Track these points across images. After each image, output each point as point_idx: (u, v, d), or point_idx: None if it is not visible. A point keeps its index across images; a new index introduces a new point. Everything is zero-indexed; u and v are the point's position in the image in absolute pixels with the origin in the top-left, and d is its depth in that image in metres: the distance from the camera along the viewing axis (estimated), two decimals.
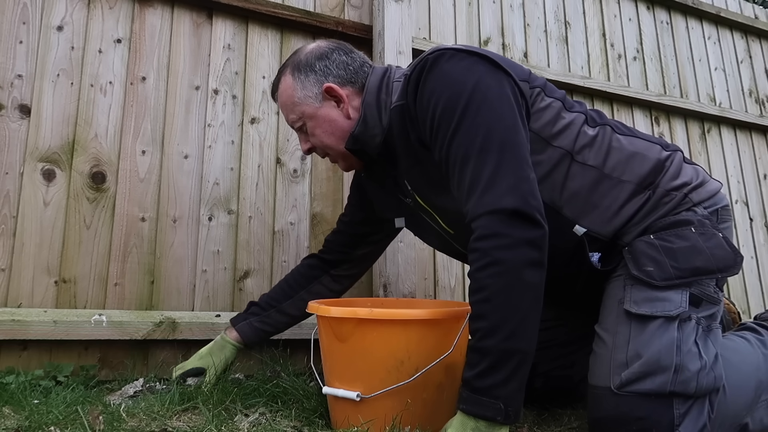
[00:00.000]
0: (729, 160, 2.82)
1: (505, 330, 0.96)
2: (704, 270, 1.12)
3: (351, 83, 1.26)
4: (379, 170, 1.34)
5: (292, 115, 1.30)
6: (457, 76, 1.10)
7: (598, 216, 1.17)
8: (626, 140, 1.22)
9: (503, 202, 1.00)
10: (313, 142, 1.31)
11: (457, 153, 1.07)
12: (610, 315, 1.15)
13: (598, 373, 1.11)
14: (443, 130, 1.09)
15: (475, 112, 1.06)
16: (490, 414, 0.95)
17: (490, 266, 0.98)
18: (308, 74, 1.26)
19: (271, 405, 1.28)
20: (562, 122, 1.18)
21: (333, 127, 1.26)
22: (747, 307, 2.62)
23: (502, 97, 1.09)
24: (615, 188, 1.18)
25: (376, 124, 1.23)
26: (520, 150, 1.05)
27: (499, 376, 0.95)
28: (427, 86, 1.12)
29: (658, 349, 1.05)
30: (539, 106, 1.18)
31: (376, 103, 1.23)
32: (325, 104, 1.26)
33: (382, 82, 1.25)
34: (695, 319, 1.10)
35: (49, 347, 1.50)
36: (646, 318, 1.09)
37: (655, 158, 1.21)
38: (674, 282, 1.11)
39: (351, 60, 1.28)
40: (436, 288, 2.01)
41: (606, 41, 2.67)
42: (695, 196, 1.20)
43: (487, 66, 1.11)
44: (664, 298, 1.10)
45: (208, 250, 1.74)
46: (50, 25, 1.66)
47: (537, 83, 1.20)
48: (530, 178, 1.04)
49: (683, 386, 1.04)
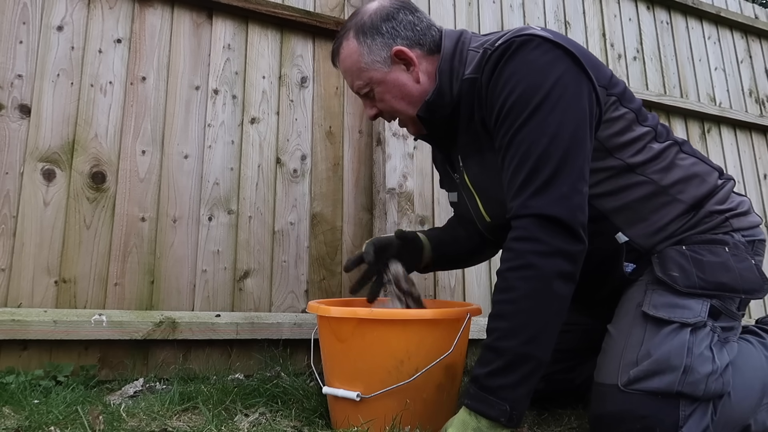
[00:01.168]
0: (729, 160, 2.82)
1: (524, 334, 0.96)
2: (729, 287, 1.12)
3: (419, 45, 1.21)
4: (439, 140, 1.32)
5: (359, 81, 1.24)
6: (539, 67, 1.07)
7: (644, 229, 1.17)
8: (690, 160, 1.22)
9: (551, 209, 0.99)
10: (381, 107, 1.26)
11: (520, 146, 1.05)
12: (626, 316, 1.15)
13: (606, 371, 1.10)
14: (511, 119, 1.06)
15: (549, 110, 1.04)
16: (494, 414, 0.95)
17: (522, 269, 0.98)
18: (375, 37, 1.20)
19: (271, 405, 1.28)
20: (630, 135, 1.17)
21: (403, 91, 1.22)
22: (748, 309, 2.62)
23: (578, 102, 1.07)
24: (668, 205, 1.17)
25: (447, 93, 1.19)
26: (582, 161, 1.04)
27: (511, 379, 0.95)
28: (507, 70, 1.08)
29: (668, 350, 1.05)
30: (611, 115, 1.16)
31: (449, 70, 1.19)
32: (394, 68, 1.21)
33: (456, 48, 1.20)
34: (711, 327, 1.10)
35: (49, 347, 1.50)
36: (662, 322, 1.09)
37: (713, 183, 1.21)
38: (697, 291, 1.10)
39: (418, 20, 1.23)
40: (436, 288, 2.01)
41: (606, 41, 2.67)
42: (735, 223, 1.20)
43: (570, 64, 1.08)
44: (684, 305, 1.10)
45: (208, 250, 1.74)
46: (50, 25, 1.66)
47: (615, 91, 1.17)
48: (583, 192, 1.03)
49: (691, 387, 1.04)
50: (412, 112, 1.23)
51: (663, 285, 1.12)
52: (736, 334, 1.17)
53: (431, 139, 1.35)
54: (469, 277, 2.07)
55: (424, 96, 1.21)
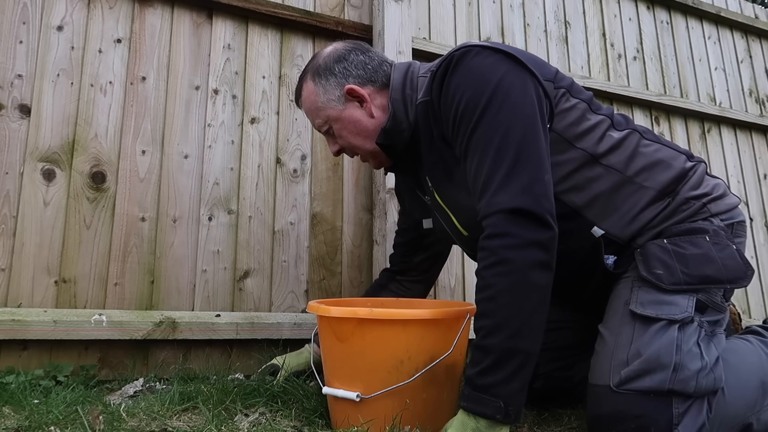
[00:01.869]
0: (729, 160, 2.82)
1: (507, 329, 0.96)
2: (714, 279, 1.12)
3: (371, 82, 1.27)
4: (405, 167, 1.36)
5: (318, 119, 1.31)
6: (482, 72, 1.10)
7: (618, 219, 1.18)
8: (653, 147, 1.22)
9: (515, 201, 1.00)
10: (341, 143, 1.32)
11: (476, 149, 1.07)
12: (615, 315, 1.15)
13: (599, 372, 1.11)
14: (464, 125, 1.09)
15: (496, 110, 1.06)
16: (489, 412, 0.95)
17: (497, 265, 0.99)
18: (328, 78, 1.27)
19: (271, 405, 1.28)
20: (586, 124, 1.18)
21: (358, 127, 1.28)
22: (747, 307, 2.62)
23: (524, 97, 1.08)
24: (636, 193, 1.18)
25: (404, 120, 1.24)
26: (537, 151, 1.05)
27: (501, 375, 0.96)
28: (452, 82, 1.12)
29: (658, 348, 1.06)
30: (563, 107, 1.17)
31: (402, 98, 1.24)
32: (348, 105, 1.27)
33: (405, 77, 1.25)
34: (698, 322, 1.10)
35: (49, 347, 1.50)
36: (650, 320, 1.09)
37: (680, 167, 1.21)
38: (682, 287, 1.11)
39: (369, 59, 1.29)
40: (436, 288, 2.00)
41: (606, 41, 2.67)
42: (713, 207, 1.20)
43: (512, 64, 1.11)
44: (670, 301, 1.10)
45: (208, 250, 1.74)
46: (50, 25, 1.66)
47: (563, 83, 1.19)
48: (545, 180, 1.04)
49: (682, 385, 1.04)
50: (369, 146, 1.29)
51: (648, 282, 1.13)
52: (722, 325, 1.17)
53: (397, 168, 1.38)
54: (469, 277, 2.07)
55: (379, 129, 1.26)
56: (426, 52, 2.12)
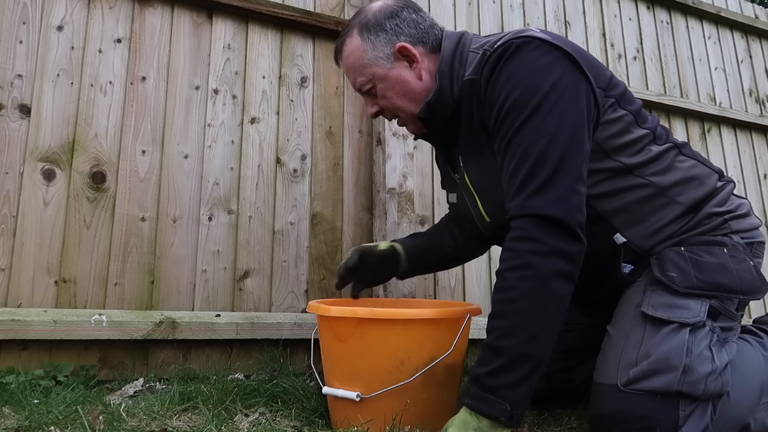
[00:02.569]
0: (729, 160, 2.82)
1: (524, 333, 0.96)
2: (728, 288, 1.12)
3: (422, 43, 1.22)
4: (441, 140, 1.33)
5: (362, 77, 1.24)
6: (538, 69, 1.07)
7: (642, 230, 1.17)
8: (689, 162, 1.22)
9: (549, 209, 1.00)
10: (383, 104, 1.26)
11: (518, 147, 1.05)
12: (626, 316, 1.15)
13: (606, 371, 1.10)
14: (510, 120, 1.07)
15: (547, 112, 1.04)
16: (494, 413, 0.95)
17: (521, 268, 0.99)
18: (378, 34, 1.21)
19: (271, 405, 1.28)
20: (628, 137, 1.17)
21: (405, 88, 1.22)
22: (747, 309, 2.62)
23: (577, 104, 1.07)
24: (666, 207, 1.18)
25: (448, 95, 1.20)
26: (580, 162, 1.05)
27: (511, 378, 0.95)
28: (505, 71, 1.09)
29: (668, 349, 1.06)
30: (609, 117, 1.16)
31: (450, 72, 1.20)
32: (397, 65, 1.22)
33: (456, 49, 1.21)
34: (710, 327, 1.10)
35: (49, 347, 1.50)
36: (661, 322, 1.09)
37: (712, 186, 1.21)
38: (695, 291, 1.11)
39: (421, 19, 1.24)
40: (436, 288, 2.00)
41: (606, 41, 2.67)
42: (734, 225, 1.20)
43: (569, 66, 1.09)
44: (683, 305, 1.10)
45: (208, 250, 1.74)
46: (50, 25, 1.66)
47: (614, 92, 1.17)
48: (581, 193, 1.04)
49: (691, 387, 1.04)
50: (414, 109, 1.24)
51: (662, 285, 1.12)
52: (735, 334, 1.17)
53: (432, 138, 1.35)
54: (469, 277, 2.07)
55: (426, 94, 1.22)
56: None
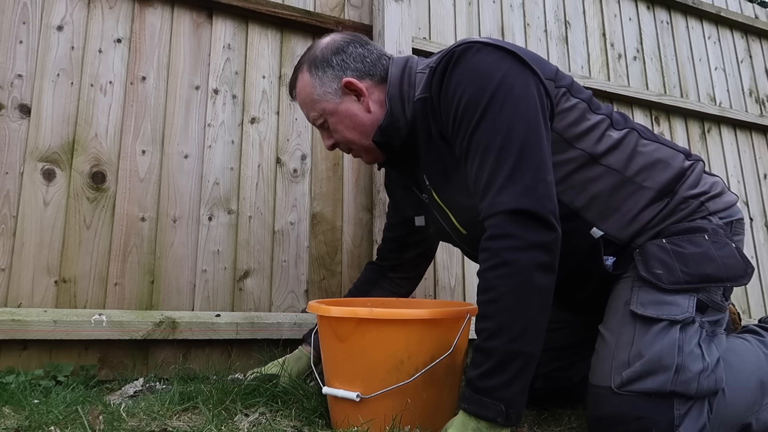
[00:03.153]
0: (729, 160, 2.82)
1: (510, 332, 0.96)
2: (714, 278, 1.12)
3: (370, 76, 1.24)
4: (400, 164, 1.33)
5: (313, 112, 1.28)
6: (483, 70, 1.08)
7: (617, 220, 1.17)
8: (652, 146, 1.21)
9: (518, 202, 0.99)
10: (336, 137, 1.29)
11: (478, 148, 1.06)
12: (616, 315, 1.15)
13: (600, 373, 1.11)
14: (465, 123, 1.08)
15: (498, 108, 1.05)
16: (490, 415, 0.95)
17: (500, 267, 0.98)
18: (326, 70, 1.24)
19: (271, 405, 1.28)
20: (586, 124, 1.17)
21: (354, 121, 1.25)
22: (747, 307, 2.62)
23: (527, 96, 1.07)
24: (636, 193, 1.17)
25: (401, 117, 1.22)
26: (540, 151, 1.04)
27: (503, 378, 0.95)
28: (453, 78, 1.10)
29: (659, 349, 1.05)
30: (564, 107, 1.16)
31: (399, 95, 1.22)
32: (345, 99, 1.24)
33: (403, 73, 1.23)
34: (699, 323, 1.10)
35: (49, 347, 1.50)
36: (651, 320, 1.09)
37: (679, 166, 1.21)
38: (682, 287, 1.11)
39: (368, 52, 1.26)
40: (436, 288, 2.00)
41: (606, 41, 2.67)
42: (711, 206, 1.20)
43: (514, 62, 1.10)
44: (671, 302, 1.10)
45: (208, 250, 1.74)
46: (50, 24, 1.66)
47: (563, 83, 1.18)
48: (548, 181, 1.03)
49: (684, 386, 1.04)
50: (364, 141, 1.26)
51: (648, 283, 1.12)
52: (723, 325, 1.17)
53: (392, 164, 1.36)
54: (469, 277, 2.07)
55: (376, 124, 1.24)
56: (426, 52, 2.12)
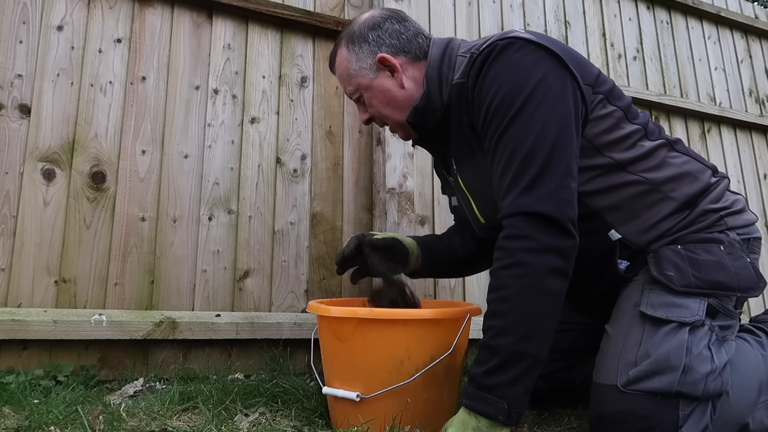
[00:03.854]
0: (729, 160, 2.82)
1: (519, 331, 0.96)
2: (725, 286, 1.12)
3: (404, 52, 1.25)
4: (433, 144, 1.35)
5: (350, 87, 1.30)
6: (523, 68, 1.08)
7: (636, 226, 1.17)
8: (682, 159, 1.22)
9: (540, 206, 1.00)
10: (372, 112, 1.31)
11: (507, 147, 1.06)
12: (624, 316, 1.15)
13: (605, 371, 1.10)
14: (497, 120, 1.08)
15: (533, 110, 1.05)
16: (492, 412, 0.95)
17: (514, 267, 0.99)
18: (362, 45, 1.26)
19: (271, 405, 1.28)
20: (619, 133, 1.17)
21: (388, 97, 1.26)
22: (747, 307, 2.62)
23: (563, 100, 1.07)
24: (660, 203, 1.18)
25: (437, 99, 1.22)
26: (568, 157, 1.04)
27: (507, 376, 0.95)
28: (491, 73, 1.10)
29: (667, 350, 1.05)
30: (599, 113, 1.16)
31: (438, 76, 1.22)
32: (380, 75, 1.25)
33: (444, 54, 1.23)
34: (709, 326, 1.10)
35: (49, 347, 1.50)
36: (660, 321, 1.09)
37: (706, 181, 1.21)
38: (693, 290, 1.11)
39: (404, 29, 1.27)
40: (436, 288, 2.00)
41: (606, 41, 2.67)
42: (731, 221, 1.20)
43: (554, 64, 1.10)
44: (681, 304, 1.10)
45: (208, 250, 1.74)
46: (50, 24, 1.66)
47: (602, 88, 1.18)
48: (571, 188, 1.04)
49: (690, 387, 1.04)
50: (399, 117, 1.27)
51: (659, 284, 1.12)
52: (734, 332, 1.17)
53: (425, 143, 1.37)
54: (469, 277, 2.07)
55: (411, 101, 1.25)
56: None
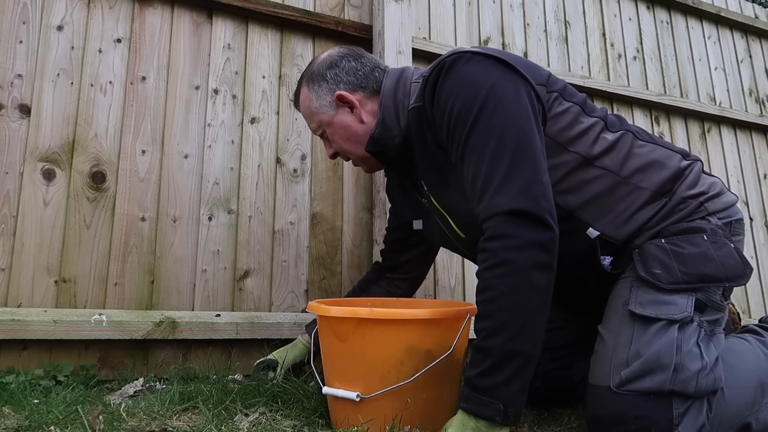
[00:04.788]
0: (729, 160, 2.82)
1: (509, 331, 0.96)
2: (712, 277, 1.12)
3: (362, 88, 1.29)
4: (399, 171, 1.38)
5: (313, 124, 1.35)
6: (474, 78, 1.11)
7: (612, 220, 1.18)
8: (647, 147, 1.22)
9: (514, 203, 1.00)
10: (335, 147, 1.37)
11: (472, 154, 1.08)
12: (614, 315, 1.15)
13: (599, 373, 1.11)
14: (459, 131, 1.10)
15: (490, 114, 1.07)
16: (489, 414, 0.95)
17: (498, 266, 0.99)
18: (321, 84, 1.30)
19: (271, 405, 1.28)
20: (579, 127, 1.18)
21: (348, 132, 1.31)
22: (747, 307, 2.62)
23: (518, 101, 1.09)
24: (631, 194, 1.18)
25: (395, 126, 1.26)
26: (534, 153, 1.06)
27: (501, 377, 0.96)
28: (444, 88, 1.13)
29: (658, 349, 1.06)
30: (556, 111, 1.18)
31: (394, 104, 1.26)
32: (339, 111, 1.30)
33: (398, 83, 1.27)
34: (698, 322, 1.10)
35: (49, 347, 1.50)
36: (649, 320, 1.09)
37: (675, 167, 1.21)
38: (681, 286, 1.11)
39: (361, 65, 1.31)
40: (436, 288, 2.01)
41: (606, 41, 2.67)
42: (710, 206, 1.20)
43: (504, 69, 1.12)
44: (669, 301, 1.10)
45: (208, 250, 1.74)
46: (50, 24, 1.66)
47: (555, 87, 1.20)
48: (543, 181, 1.04)
49: (683, 385, 1.04)
50: (359, 151, 1.32)
51: (647, 282, 1.13)
52: (722, 324, 1.17)
53: (391, 172, 1.42)
54: (469, 277, 2.07)
55: (369, 134, 1.28)
56: (426, 52, 2.12)
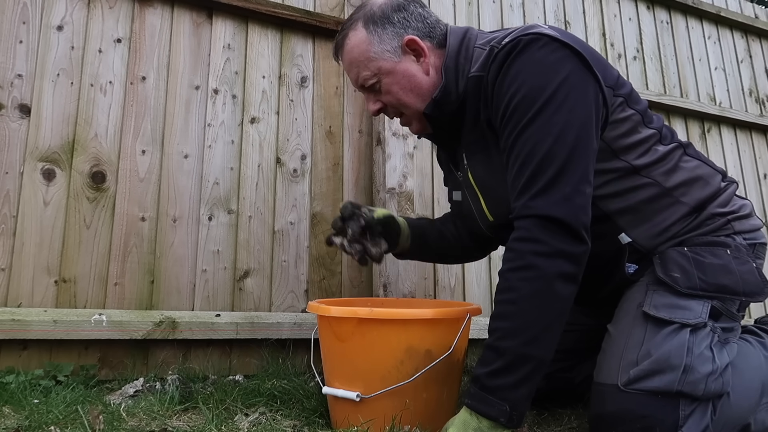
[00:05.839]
0: (729, 160, 2.82)
1: (525, 335, 0.96)
2: (730, 289, 1.12)
3: (429, 37, 1.21)
4: (444, 137, 1.31)
5: (366, 71, 1.21)
6: (546, 67, 1.06)
7: (647, 230, 1.17)
8: (693, 163, 1.22)
9: (553, 210, 0.99)
10: (387, 100, 1.23)
11: (524, 146, 1.04)
12: (627, 316, 1.15)
13: (606, 371, 1.10)
14: (516, 118, 1.06)
15: (554, 111, 1.03)
16: (494, 414, 0.95)
17: (523, 269, 0.98)
18: (386, 26, 1.19)
19: (272, 405, 1.28)
20: (636, 137, 1.17)
21: (413, 83, 1.20)
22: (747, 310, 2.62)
23: (584, 102, 1.06)
24: (671, 207, 1.18)
25: (453, 91, 1.18)
26: (585, 162, 1.03)
27: (511, 379, 0.95)
28: (513, 69, 1.08)
29: (668, 349, 1.06)
30: (618, 117, 1.15)
31: (455, 67, 1.18)
32: (404, 58, 1.19)
33: (461, 45, 1.19)
34: (711, 327, 1.10)
35: (49, 347, 1.50)
36: (663, 322, 1.09)
37: (716, 186, 1.21)
38: (698, 292, 1.10)
39: (427, 14, 1.23)
40: (436, 288, 2.00)
41: (606, 41, 2.67)
42: (737, 225, 1.20)
43: (577, 64, 1.08)
44: (685, 306, 1.10)
45: (208, 250, 1.74)
46: (50, 24, 1.66)
47: (622, 91, 1.17)
48: (586, 193, 1.03)
49: (691, 387, 1.04)
50: (420, 106, 1.22)
51: (664, 285, 1.12)
52: (736, 335, 1.18)
53: (434, 137, 1.34)
54: (469, 277, 2.07)
55: (433, 90, 1.20)
56: None
